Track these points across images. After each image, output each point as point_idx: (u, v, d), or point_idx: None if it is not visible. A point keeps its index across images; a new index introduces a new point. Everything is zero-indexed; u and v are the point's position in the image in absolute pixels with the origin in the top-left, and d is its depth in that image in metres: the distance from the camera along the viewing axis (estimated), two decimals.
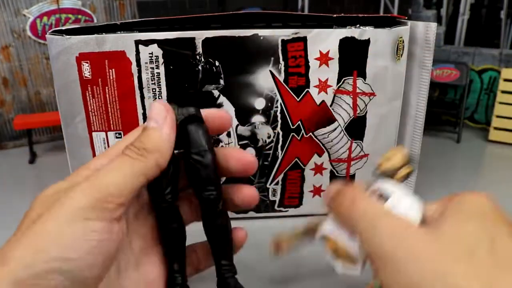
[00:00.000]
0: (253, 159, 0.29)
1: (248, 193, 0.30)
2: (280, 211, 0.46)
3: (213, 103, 0.41)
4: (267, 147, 0.43)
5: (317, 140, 0.43)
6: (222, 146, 0.42)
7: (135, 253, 0.26)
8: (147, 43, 0.38)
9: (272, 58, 0.40)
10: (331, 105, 0.42)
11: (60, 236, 0.20)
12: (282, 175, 0.44)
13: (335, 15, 0.42)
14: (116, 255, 0.23)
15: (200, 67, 0.39)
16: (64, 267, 0.20)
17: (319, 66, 0.40)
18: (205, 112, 0.28)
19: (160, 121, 0.26)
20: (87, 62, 0.39)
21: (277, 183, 0.44)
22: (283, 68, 0.40)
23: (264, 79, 0.40)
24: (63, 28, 0.39)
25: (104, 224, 0.22)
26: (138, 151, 0.24)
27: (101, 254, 0.22)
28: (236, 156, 0.29)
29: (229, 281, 0.27)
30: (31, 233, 0.21)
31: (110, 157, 0.25)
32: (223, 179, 0.32)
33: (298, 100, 0.41)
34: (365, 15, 0.42)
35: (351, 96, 0.42)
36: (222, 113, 0.30)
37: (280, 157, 0.43)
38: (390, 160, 0.32)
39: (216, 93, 0.40)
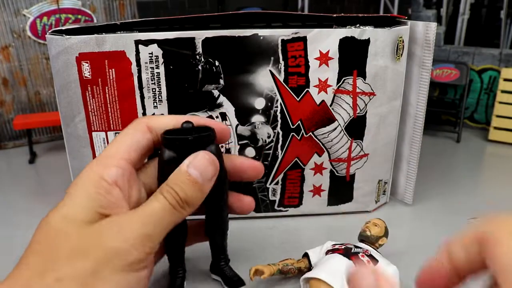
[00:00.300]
0: (262, 166, 0.32)
1: (247, 202, 0.33)
2: (280, 210, 0.46)
3: (213, 103, 0.41)
4: (267, 147, 0.43)
5: (317, 140, 0.43)
6: (222, 146, 0.42)
7: None
8: (147, 43, 0.38)
9: (272, 58, 0.40)
10: (331, 105, 0.42)
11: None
12: (282, 175, 0.44)
13: (335, 15, 0.42)
14: None
15: (200, 67, 0.39)
16: None
17: (319, 66, 0.40)
18: (211, 125, 0.30)
19: (206, 178, 0.27)
20: (87, 62, 0.39)
21: (277, 183, 0.44)
22: (283, 68, 0.40)
23: (264, 79, 0.40)
24: (63, 28, 0.39)
25: (147, 271, 0.24)
26: (181, 203, 0.25)
27: None
28: (249, 164, 0.32)
29: (225, 269, 0.33)
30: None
31: (108, 164, 0.27)
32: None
33: (298, 100, 0.41)
34: (365, 15, 0.42)
35: (351, 96, 0.42)
36: (224, 126, 0.32)
37: (280, 156, 0.43)
38: (377, 226, 0.35)
39: (216, 93, 0.40)
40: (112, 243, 0.23)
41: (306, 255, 0.36)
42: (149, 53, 0.39)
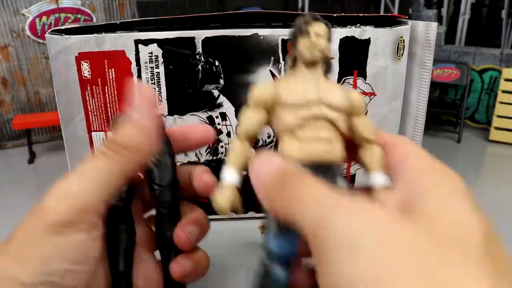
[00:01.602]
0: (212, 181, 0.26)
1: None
2: None
3: (213, 103, 0.41)
4: (267, 147, 0.43)
5: None
6: (222, 146, 0.42)
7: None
8: (146, 42, 0.38)
9: (272, 58, 0.39)
10: None
11: (41, 250, 0.20)
12: None
13: (335, 15, 0.41)
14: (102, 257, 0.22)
15: (199, 67, 0.39)
16: (48, 279, 0.19)
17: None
18: (184, 128, 0.27)
19: (144, 112, 0.23)
20: (86, 62, 0.39)
21: None
22: (283, 68, 0.40)
23: (264, 78, 0.40)
24: (63, 27, 0.38)
25: (83, 236, 0.20)
26: (114, 146, 0.22)
27: (84, 262, 0.21)
28: (198, 176, 0.26)
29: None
30: (13, 246, 0.20)
31: None
32: None
33: None
34: (366, 15, 0.42)
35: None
36: (203, 126, 0.28)
37: None
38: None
39: (216, 92, 0.40)
40: (38, 207, 0.20)
41: None
42: (149, 53, 0.39)
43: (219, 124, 0.41)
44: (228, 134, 0.42)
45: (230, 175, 0.22)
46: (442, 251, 0.15)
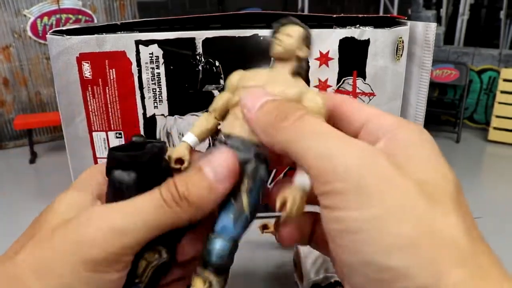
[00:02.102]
0: None
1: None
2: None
3: None
4: None
5: None
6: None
7: None
8: (147, 43, 0.39)
9: (272, 58, 0.40)
10: None
11: (65, 279, 0.19)
12: (282, 175, 0.44)
13: (335, 15, 0.42)
14: None
15: (200, 67, 0.40)
16: None
17: (319, 66, 0.40)
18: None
19: (219, 175, 0.21)
20: (87, 62, 0.39)
21: None
22: None
23: None
24: (64, 28, 0.39)
25: (116, 276, 0.19)
26: (177, 198, 0.20)
27: None
28: None
29: None
30: (34, 259, 0.19)
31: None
32: None
33: None
34: (365, 15, 0.42)
35: (351, 96, 0.42)
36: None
37: None
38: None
39: (216, 93, 0.41)
40: (75, 232, 0.19)
41: None
42: (150, 53, 0.39)
43: (219, 124, 0.42)
44: None
45: (188, 137, 0.25)
46: (428, 198, 0.17)
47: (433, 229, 0.16)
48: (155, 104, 0.41)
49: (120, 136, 0.42)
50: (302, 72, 0.25)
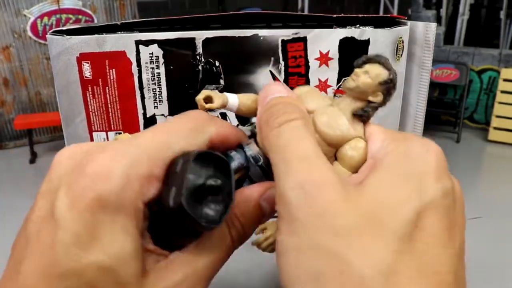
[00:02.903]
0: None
1: None
2: None
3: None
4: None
5: None
6: None
7: None
8: (147, 43, 0.39)
9: (272, 58, 0.40)
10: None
11: None
12: None
13: (335, 15, 0.42)
14: None
15: (200, 67, 0.40)
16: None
17: (319, 66, 0.40)
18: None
19: (269, 212, 0.22)
20: (87, 62, 0.39)
21: None
22: (283, 68, 0.40)
23: (264, 79, 0.40)
24: (64, 28, 0.39)
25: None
26: (241, 239, 0.21)
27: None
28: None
29: None
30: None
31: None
32: None
33: None
34: (365, 15, 0.42)
35: None
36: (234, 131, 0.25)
37: None
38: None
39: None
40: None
41: None
42: (150, 53, 0.39)
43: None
44: None
45: (231, 96, 0.25)
46: (354, 236, 0.17)
47: (345, 266, 0.16)
48: (155, 104, 0.41)
49: None
50: (364, 117, 0.23)
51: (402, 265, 0.16)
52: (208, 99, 0.24)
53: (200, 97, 0.24)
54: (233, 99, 0.24)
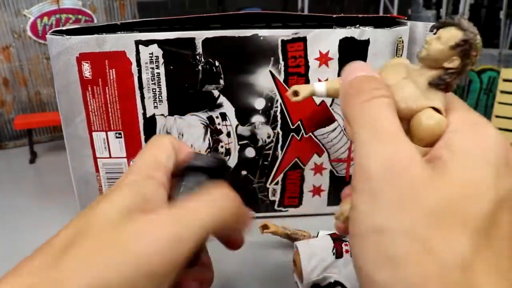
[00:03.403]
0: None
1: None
2: (280, 210, 0.46)
3: (213, 103, 0.41)
4: (267, 147, 0.43)
5: (316, 140, 0.43)
6: (222, 146, 0.42)
7: None
8: (147, 43, 0.39)
9: (272, 58, 0.40)
10: (330, 105, 0.42)
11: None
12: (282, 175, 0.44)
13: (335, 15, 0.42)
14: None
15: (200, 67, 0.40)
16: None
17: (319, 66, 0.40)
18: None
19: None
20: (87, 62, 0.39)
21: (277, 183, 0.45)
22: (283, 68, 0.40)
23: (264, 79, 0.40)
24: (64, 28, 0.39)
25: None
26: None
27: None
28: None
29: None
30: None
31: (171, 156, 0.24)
32: None
33: None
34: (365, 15, 0.42)
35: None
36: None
37: (280, 157, 0.43)
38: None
39: (216, 93, 0.41)
40: (132, 246, 0.18)
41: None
42: (149, 53, 0.39)
43: (219, 124, 0.42)
44: (228, 134, 0.42)
45: (319, 85, 0.26)
46: (439, 224, 0.16)
47: (426, 253, 0.16)
48: (155, 104, 0.41)
49: (120, 136, 0.42)
50: (442, 85, 0.21)
51: (479, 260, 0.16)
52: (295, 93, 0.26)
53: (289, 93, 0.27)
54: (321, 88, 0.26)
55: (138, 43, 0.39)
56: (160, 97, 0.40)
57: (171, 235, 0.19)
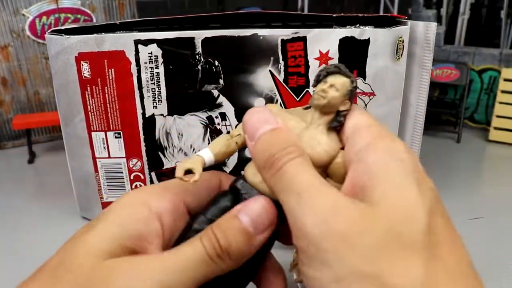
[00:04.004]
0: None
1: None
2: None
3: (213, 103, 0.41)
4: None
5: None
6: None
7: None
8: (146, 43, 0.38)
9: (272, 58, 0.39)
10: None
11: None
12: None
13: (335, 15, 0.41)
14: None
15: (199, 67, 0.39)
16: None
17: (319, 66, 0.40)
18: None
19: (258, 228, 0.21)
20: (86, 62, 0.39)
21: None
22: (282, 68, 0.40)
23: (263, 79, 0.40)
24: (62, 27, 0.39)
25: None
26: (220, 253, 0.20)
27: None
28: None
29: None
30: None
31: (159, 193, 0.23)
32: None
33: (298, 100, 0.41)
34: (365, 15, 0.42)
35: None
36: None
37: None
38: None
39: (215, 93, 0.40)
40: (118, 286, 0.19)
41: None
42: (149, 53, 0.39)
43: (218, 124, 0.41)
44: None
45: (205, 152, 0.24)
46: (387, 252, 0.17)
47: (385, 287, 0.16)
48: (154, 104, 0.40)
49: (119, 136, 0.42)
50: (339, 126, 0.24)
51: (434, 273, 0.16)
52: (189, 171, 0.24)
53: (180, 175, 0.23)
54: (208, 156, 0.24)
55: (137, 42, 0.38)
56: (159, 97, 0.40)
57: (158, 282, 0.19)
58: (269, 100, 0.41)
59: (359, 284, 0.16)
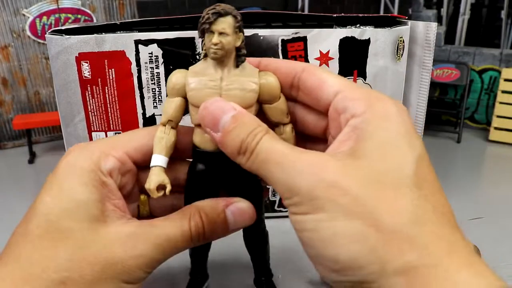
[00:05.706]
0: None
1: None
2: (280, 211, 0.46)
3: None
4: None
5: None
6: None
7: None
8: (146, 43, 0.38)
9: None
10: None
11: None
12: None
13: (335, 15, 0.41)
14: None
15: None
16: None
17: (319, 66, 0.40)
18: None
19: (236, 227, 0.26)
20: (86, 62, 0.39)
21: None
22: None
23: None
24: (63, 28, 0.39)
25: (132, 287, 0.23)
26: (202, 237, 0.24)
27: None
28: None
29: (265, 285, 0.32)
30: None
31: (106, 153, 0.25)
32: None
33: None
34: (365, 15, 0.42)
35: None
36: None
37: None
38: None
39: None
40: (120, 257, 0.22)
41: None
42: (149, 53, 0.39)
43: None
44: None
45: (157, 160, 0.25)
46: (376, 190, 0.18)
47: (377, 222, 0.18)
48: (155, 104, 0.40)
49: None
50: (243, 57, 0.25)
51: (422, 210, 0.18)
52: (162, 187, 0.25)
53: (156, 195, 0.25)
54: (162, 160, 0.25)
55: (137, 42, 0.38)
56: (159, 97, 0.40)
57: (151, 258, 0.23)
58: None
59: (351, 222, 0.18)
